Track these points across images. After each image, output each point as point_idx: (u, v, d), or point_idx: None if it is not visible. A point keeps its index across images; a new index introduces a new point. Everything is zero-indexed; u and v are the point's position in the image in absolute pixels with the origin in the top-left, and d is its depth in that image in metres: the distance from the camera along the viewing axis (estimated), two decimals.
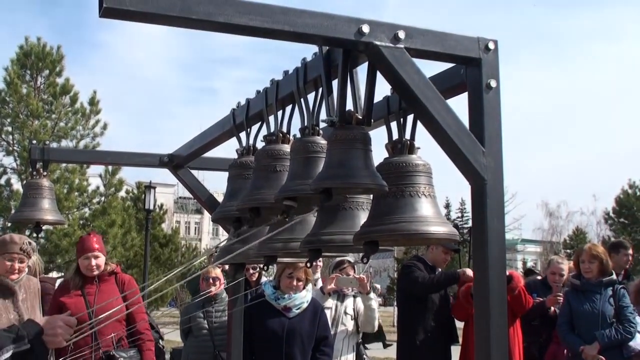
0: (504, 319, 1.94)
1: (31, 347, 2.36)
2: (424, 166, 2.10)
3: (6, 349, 2.30)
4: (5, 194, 17.88)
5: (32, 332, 2.39)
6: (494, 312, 1.91)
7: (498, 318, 1.91)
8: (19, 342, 2.33)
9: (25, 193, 3.58)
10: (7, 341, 2.32)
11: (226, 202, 2.89)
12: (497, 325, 1.91)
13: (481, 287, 1.95)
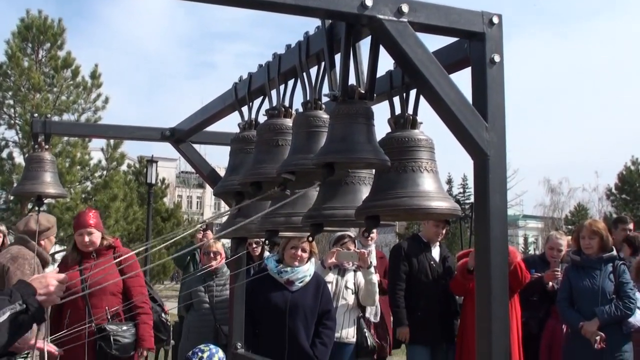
0: (505, 295, 1.94)
1: (26, 307, 2.35)
2: (426, 141, 2.09)
3: (2, 311, 2.29)
4: (8, 168, 17.90)
5: (26, 292, 2.38)
6: (495, 287, 1.91)
7: (499, 293, 1.92)
8: (13, 304, 2.32)
9: (27, 166, 3.58)
10: (3, 303, 2.31)
11: (228, 177, 2.88)
12: (499, 301, 1.92)
13: (483, 262, 1.96)
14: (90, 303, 5.30)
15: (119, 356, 5.25)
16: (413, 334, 6.46)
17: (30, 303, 2.36)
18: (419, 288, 6.53)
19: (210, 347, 4.69)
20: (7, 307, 2.31)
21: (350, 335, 6.17)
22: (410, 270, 6.57)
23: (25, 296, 2.36)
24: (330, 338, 5.41)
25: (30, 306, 2.36)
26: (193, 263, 9.12)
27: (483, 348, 1.95)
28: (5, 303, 2.31)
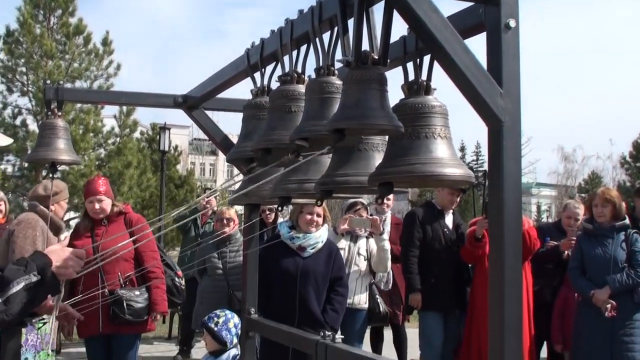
0: (518, 262, 1.94)
1: (42, 278, 2.35)
2: (440, 107, 2.08)
3: (16, 281, 2.29)
4: (21, 135, 17.98)
5: (41, 263, 2.38)
6: (509, 255, 1.91)
7: (513, 261, 1.92)
8: (28, 274, 2.31)
9: (40, 133, 3.58)
10: (17, 274, 2.31)
11: (241, 143, 2.88)
12: (512, 268, 1.92)
13: (496, 230, 1.95)
14: (103, 269, 5.35)
15: (132, 320, 5.31)
16: (426, 300, 6.50)
17: (46, 274, 2.36)
18: (432, 255, 6.55)
19: (226, 313, 4.75)
20: (22, 277, 2.30)
21: (362, 301, 6.21)
22: (424, 237, 6.58)
23: (40, 267, 2.36)
24: (341, 304, 5.44)
25: (45, 277, 2.35)
26: (194, 227, 9.22)
27: (495, 315, 1.95)
28: (20, 273, 2.31)
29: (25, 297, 2.30)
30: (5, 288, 2.27)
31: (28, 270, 2.32)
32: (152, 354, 9.46)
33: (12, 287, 2.27)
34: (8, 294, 2.26)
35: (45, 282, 2.34)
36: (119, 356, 5.50)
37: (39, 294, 2.35)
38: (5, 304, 2.25)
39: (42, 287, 2.34)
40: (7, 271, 2.31)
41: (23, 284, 2.29)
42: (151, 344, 10.23)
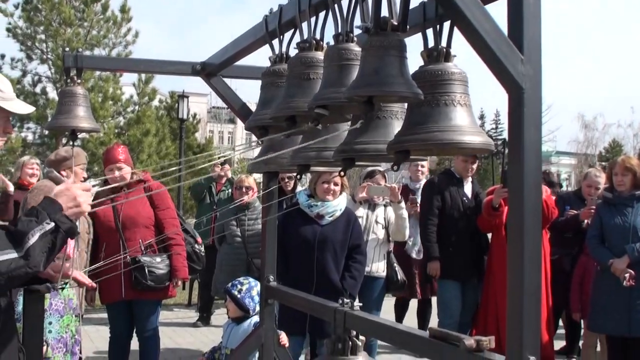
0: (538, 231, 1.93)
1: (56, 225, 2.33)
2: (459, 74, 2.06)
3: (31, 233, 2.28)
4: (41, 103, 18.06)
5: (52, 210, 2.35)
6: (529, 223, 1.90)
7: (532, 229, 1.91)
8: (41, 224, 2.30)
9: (60, 100, 3.59)
10: (31, 225, 2.29)
11: (259, 111, 2.88)
12: (531, 237, 1.91)
13: (516, 198, 1.94)
14: (125, 236, 5.41)
15: (154, 287, 5.37)
16: (444, 269, 6.51)
17: (59, 219, 2.34)
18: (451, 224, 6.55)
19: (249, 280, 4.80)
20: (36, 228, 2.28)
21: (380, 269, 6.23)
22: (443, 206, 6.57)
23: (52, 214, 2.34)
24: (360, 272, 5.47)
25: (59, 223, 2.34)
26: (209, 195, 9.27)
27: (514, 284, 1.95)
28: (33, 224, 2.29)
29: (44, 246, 2.28)
30: (22, 242, 2.26)
31: (40, 219, 2.30)
32: (172, 320, 9.57)
33: (28, 239, 2.26)
34: (26, 247, 2.25)
35: (60, 227, 2.33)
36: (140, 322, 5.58)
37: (57, 240, 2.33)
38: (26, 257, 2.25)
39: (58, 232, 2.33)
40: (20, 224, 2.29)
41: (38, 234, 2.28)
42: (171, 310, 10.35)
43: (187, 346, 8.07)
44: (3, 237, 2.26)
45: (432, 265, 6.56)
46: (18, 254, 2.24)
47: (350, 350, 2.44)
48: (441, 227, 6.58)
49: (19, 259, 2.24)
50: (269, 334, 3.79)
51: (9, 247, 2.24)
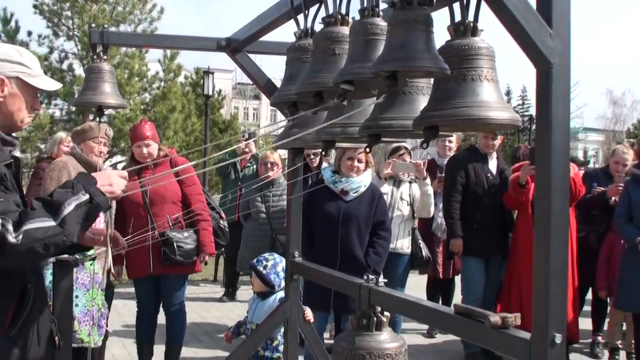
0: (565, 208, 1.91)
1: (90, 197, 2.40)
2: (487, 49, 2.03)
3: (67, 202, 2.34)
4: (68, 79, 18.16)
5: (87, 183, 2.43)
6: (556, 200, 1.88)
7: (560, 206, 1.89)
8: (76, 194, 2.37)
9: (87, 77, 3.61)
10: (66, 195, 2.36)
11: (284, 86, 2.87)
12: (559, 215, 1.89)
13: (544, 174, 1.92)
14: (152, 212, 5.45)
15: (182, 261, 5.42)
16: (467, 246, 6.49)
17: (93, 192, 2.41)
18: (475, 200, 6.51)
19: (274, 256, 4.82)
20: (71, 198, 2.35)
21: (405, 246, 6.22)
22: (467, 182, 6.54)
23: (87, 186, 2.41)
24: (384, 248, 5.47)
25: (93, 195, 2.40)
26: (234, 171, 9.32)
27: (540, 261, 1.94)
28: (69, 195, 2.36)
29: (79, 216, 2.36)
30: (57, 211, 2.32)
31: (75, 190, 2.37)
32: (198, 295, 9.67)
33: (64, 209, 2.33)
34: (62, 216, 2.32)
35: (94, 200, 2.40)
36: (167, 296, 5.64)
37: (91, 212, 2.40)
38: (62, 226, 2.31)
39: (92, 204, 2.39)
40: (56, 195, 2.36)
41: (74, 204, 2.35)
42: (197, 285, 10.45)
43: (213, 321, 8.16)
44: (40, 206, 2.33)
45: (455, 243, 6.54)
46: (55, 222, 2.30)
47: (375, 326, 2.45)
48: (465, 204, 6.55)
49: (56, 227, 2.30)
50: (294, 309, 3.81)
51: (46, 215, 2.30)
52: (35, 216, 2.30)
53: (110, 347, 6.14)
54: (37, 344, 2.59)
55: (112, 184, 2.49)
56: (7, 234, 2.25)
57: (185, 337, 5.92)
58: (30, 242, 2.27)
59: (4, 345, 2.47)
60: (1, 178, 2.40)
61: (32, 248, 2.27)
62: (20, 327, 2.51)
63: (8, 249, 2.26)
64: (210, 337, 7.39)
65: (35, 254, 2.31)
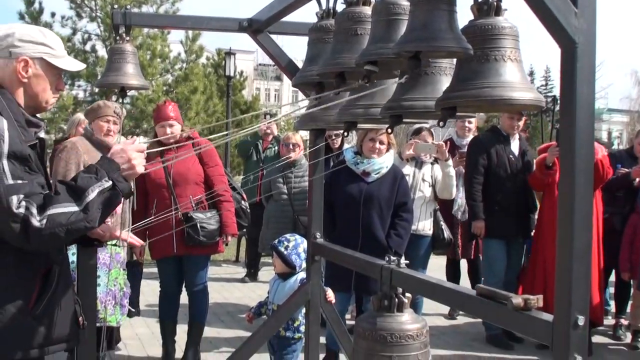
0: (589, 190, 1.90)
1: (113, 183, 2.44)
2: (510, 29, 2.01)
3: (91, 189, 2.38)
4: (91, 60, 18.24)
5: (110, 168, 2.46)
6: (579, 180, 1.87)
7: (583, 186, 1.88)
8: (100, 181, 2.41)
9: (109, 58, 3.63)
10: (90, 181, 2.40)
11: (306, 67, 2.86)
12: (582, 195, 1.88)
13: (568, 155, 1.90)
14: (175, 193, 5.48)
15: (205, 242, 5.45)
16: (489, 228, 6.46)
17: (116, 178, 2.44)
18: (497, 182, 6.47)
19: (296, 237, 4.83)
20: (95, 184, 2.39)
21: (426, 227, 6.21)
22: (489, 164, 6.49)
23: (110, 172, 2.44)
24: (406, 230, 5.46)
25: (116, 182, 2.44)
26: (256, 153, 9.34)
27: (564, 242, 1.93)
28: (93, 181, 2.39)
29: (102, 202, 2.40)
30: (81, 196, 2.36)
31: (99, 176, 2.41)
32: (220, 275, 9.73)
33: (87, 195, 2.37)
34: (86, 201, 2.36)
35: (117, 186, 2.43)
36: (190, 277, 5.68)
37: (113, 198, 2.44)
38: (85, 211, 2.35)
39: (114, 190, 2.43)
40: (80, 180, 2.40)
41: (97, 190, 2.39)
42: (219, 266, 10.52)
43: (234, 301, 8.21)
44: (64, 191, 2.36)
45: (477, 225, 6.51)
46: (78, 207, 2.34)
47: (397, 307, 2.45)
48: (487, 185, 6.51)
49: (79, 213, 2.34)
50: (315, 290, 3.83)
51: (69, 201, 2.34)
52: (59, 201, 2.33)
53: (134, 326, 6.22)
54: (61, 323, 2.62)
55: (133, 166, 2.52)
56: (32, 218, 2.28)
57: (208, 317, 5.96)
58: (54, 226, 2.30)
59: (30, 324, 2.51)
60: (26, 159, 2.42)
61: (55, 233, 2.31)
62: (45, 306, 2.54)
63: (31, 233, 2.29)
64: (232, 317, 7.44)
65: (57, 239, 2.34)
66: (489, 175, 6.50)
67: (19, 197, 2.30)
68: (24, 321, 2.49)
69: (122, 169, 2.48)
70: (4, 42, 2.57)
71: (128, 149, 2.54)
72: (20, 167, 2.38)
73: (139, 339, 6.44)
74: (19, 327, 2.48)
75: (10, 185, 2.31)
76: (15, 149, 2.37)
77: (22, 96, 2.60)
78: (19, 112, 2.54)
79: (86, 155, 4.93)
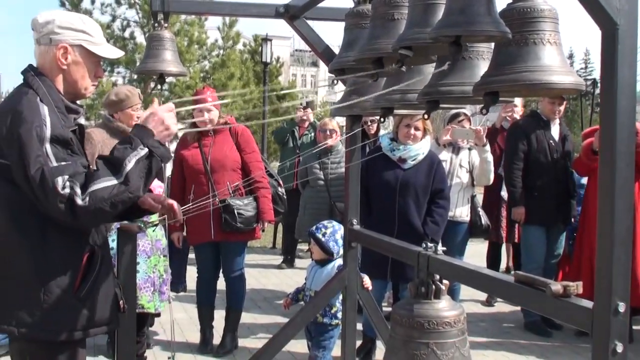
0: (630, 172, 1.86)
1: (149, 150, 2.47)
2: (549, 11, 1.97)
3: (128, 159, 2.41)
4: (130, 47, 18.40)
5: (145, 136, 2.49)
6: (621, 164, 1.84)
7: (624, 170, 1.84)
8: (136, 150, 2.44)
9: (148, 45, 3.65)
10: (126, 152, 2.43)
11: (343, 53, 2.86)
12: (623, 178, 1.85)
13: (608, 138, 1.87)
14: (213, 179, 5.51)
15: (242, 228, 5.48)
16: (529, 214, 6.40)
17: (152, 145, 2.48)
18: (537, 168, 6.40)
19: (333, 224, 4.84)
20: (131, 154, 2.43)
21: (464, 214, 6.16)
22: (529, 149, 6.42)
23: (144, 139, 2.47)
24: (442, 217, 5.42)
25: (152, 148, 2.47)
26: (292, 139, 9.35)
27: (604, 228, 1.90)
28: (129, 151, 2.43)
29: (141, 171, 2.44)
30: (119, 168, 2.41)
31: (134, 146, 2.45)
32: (257, 262, 9.79)
33: (125, 165, 2.41)
34: (124, 172, 2.40)
35: (153, 152, 2.46)
36: (227, 263, 5.72)
37: (152, 164, 2.48)
38: (126, 183, 2.40)
39: (152, 156, 2.46)
40: (116, 152, 2.44)
41: (135, 159, 2.42)
42: (257, 252, 10.58)
43: (272, 287, 8.26)
44: (102, 166, 2.41)
45: (517, 211, 6.45)
46: (118, 180, 2.39)
47: (434, 294, 2.44)
48: (526, 171, 6.45)
49: (120, 185, 2.38)
50: (352, 276, 3.83)
51: (109, 175, 2.39)
52: (99, 176, 2.38)
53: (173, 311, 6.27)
54: (103, 306, 2.67)
55: (167, 126, 2.54)
56: (76, 197, 2.34)
57: (245, 303, 6.01)
58: (98, 202, 2.35)
59: (75, 306, 2.56)
60: (68, 142, 2.46)
61: (100, 208, 2.36)
62: (89, 288, 2.59)
63: (78, 211, 2.35)
64: (269, 303, 7.49)
65: (103, 213, 2.39)
66: (528, 160, 6.43)
67: (64, 178, 2.36)
68: (69, 302, 2.54)
69: (157, 132, 2.51)
70: (45, 29, 2.62)
71: (158, 110, 2.56)
72: (63, 150, 2.43)
73: (177, 324, 6.52)
74: (64, 309, 2.53)
75: (55, 167, 2.37)
76: (57, 133, 2.42)
77: (62, 83, 2.64)
78: (59, 98, 2.58)
79: (102, 146, 4.98)
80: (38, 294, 2.49)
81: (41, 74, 2.61)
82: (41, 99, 2.50)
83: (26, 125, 2.40)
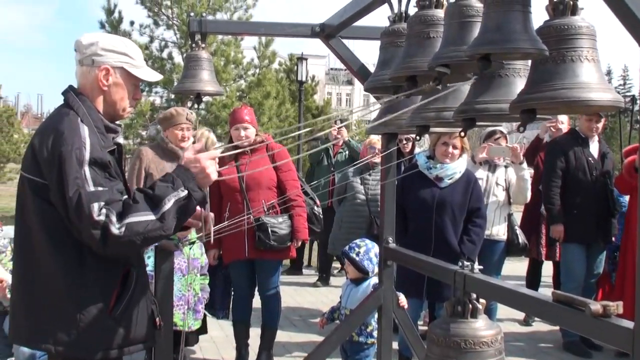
0: None
1: (189, 193, 2.50)
2: (587, 28, 1.96)
3: (167, 198, 2.45)
4: (168, 67, 18.63)
5: (186, 178, 2.52)
6: None
7: None
8: (176, 191, 2.47)
9: (186, 65, 3.71)
10: (167, 191, 2.47)
11: (378, 71, 2.86)
12: None
13: None
14: (248, 197, 5.54)
15: (276, 246, 5.49)
16: (568, 232, 6.32)
17: (191, 188, 2.51)
18: (576, 185, 6.33)
19: (366, 242, 4.82)
20: (172, 194, 2.47)
21: (500, 232, 6.11)
22: (567, 167, 6.36)
23: (186, 182, 2.51)
24: (479, 236, 5.38)
25: (192, 191, 2.50)
26: (327, 158, 9.38)
27: None
28: (170, 190, 2.47)
29: (178, 211, 2.47)
30: (158, 205, 2.44)
31: (175, 186, 2.48)
32: (292, 280, 9.79)
33: (164, 204, 2.44)
34: (162, 210, 2.44)
35: (192, 195, 2.49)
36: (262, 280, 5.73)
37: (188, 207, 2.52)
38: (162, 220, 2.43)
39: (190, 200, 2.49)
40: (157, 189, 2.47)
41: (174, 200, 2.46)
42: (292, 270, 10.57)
43: (307, 305, 8.25)
44: (142, 199, 2.44)
45: (556, 229, 6.38)
46: (155, 216, 2.41)
47: (470, 313, 2.42)
48: (565, 188, 6.37)
49: (156, 221, 2.41)
50: (387, 295, 3.81)
51: (147, 210, 2.42)
52: (137, 210, 2.41)
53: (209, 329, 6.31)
54: (139, 324, 2.69)
55: (208, 175, 2.58)
56: (111, 225, 2.36)
57: (280, 321, 6.01)
58: (132, 235, 2.38)
59: (110, 325, 2.59)
60: (106, 165, 2.50)
61: (132, 240, 2.39)
62: (124, 308, 2.61)
63: (110, 240, 2.37)
64: (305, 321, 7.48)
65: (133, 246, 2.42)
66: (567, 178, 6.37)
67: (100, 205, 2.38)
68: (104, 322, 2.56)
69: (197, 177, 2.54)
70: (88, 50, 2.67)
71: (202, 157, 2.60)
72: (101, 173, 2.46)
73: (214, 342, 6.54)
74: (100, 328, 2.56)
75: (92, 192, 2.40)
76: (96, 156, 2.46)
77: (102, 103, 2.69)
78: (98, 118, 2.63)
79: (152, 164, 5.07)
80: (74, 314, 2.52)
81: (81, 94, 2.66)
82: (82, 119, 2.54)
83: (67, 146, 2.44)
